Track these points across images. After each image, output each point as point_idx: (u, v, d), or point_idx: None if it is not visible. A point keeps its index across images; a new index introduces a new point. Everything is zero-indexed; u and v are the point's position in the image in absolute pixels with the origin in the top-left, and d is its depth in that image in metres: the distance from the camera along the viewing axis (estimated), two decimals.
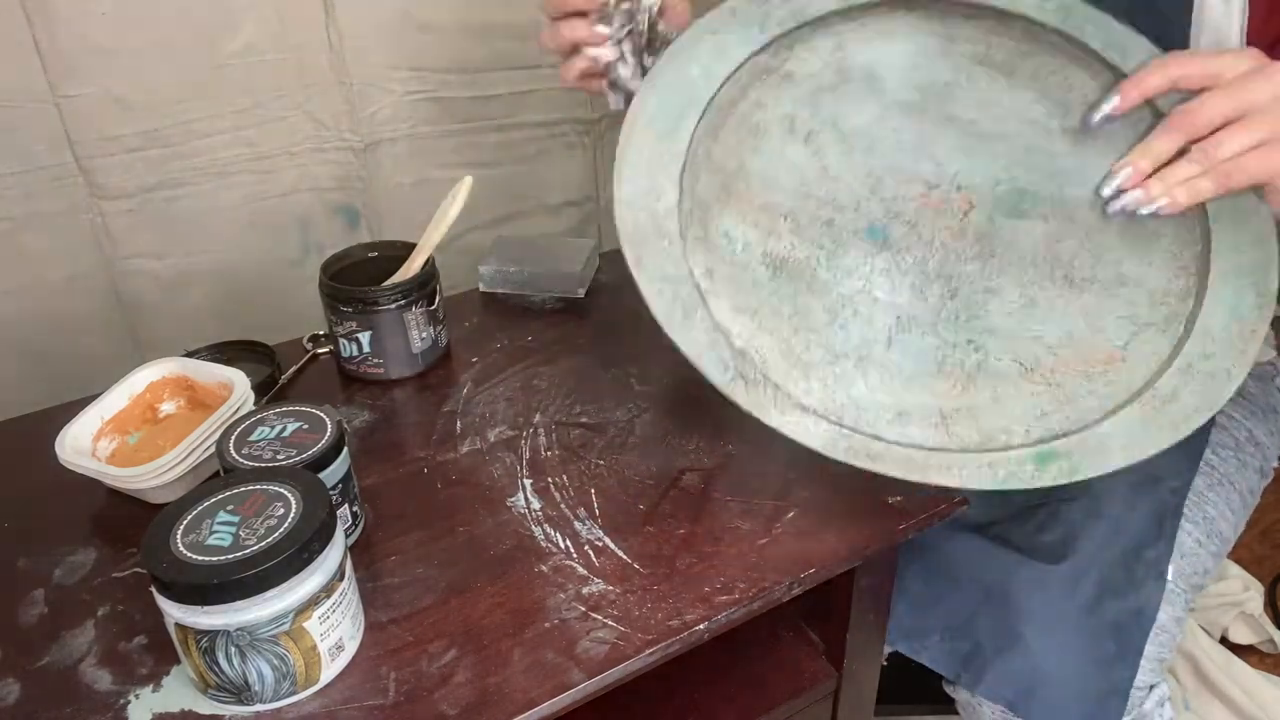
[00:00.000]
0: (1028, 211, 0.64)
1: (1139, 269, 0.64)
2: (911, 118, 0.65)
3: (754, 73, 0.64)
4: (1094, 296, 0.64)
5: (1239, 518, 0.90)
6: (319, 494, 0.57)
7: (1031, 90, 0.64)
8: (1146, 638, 0.77)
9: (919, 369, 0.65)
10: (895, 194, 0.65)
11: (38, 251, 0.98)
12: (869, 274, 0.65)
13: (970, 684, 0.78)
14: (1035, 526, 0.80)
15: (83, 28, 0.91)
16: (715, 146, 0.64)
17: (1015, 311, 0.64)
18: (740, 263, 0.64)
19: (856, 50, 0.64)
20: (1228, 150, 0.56)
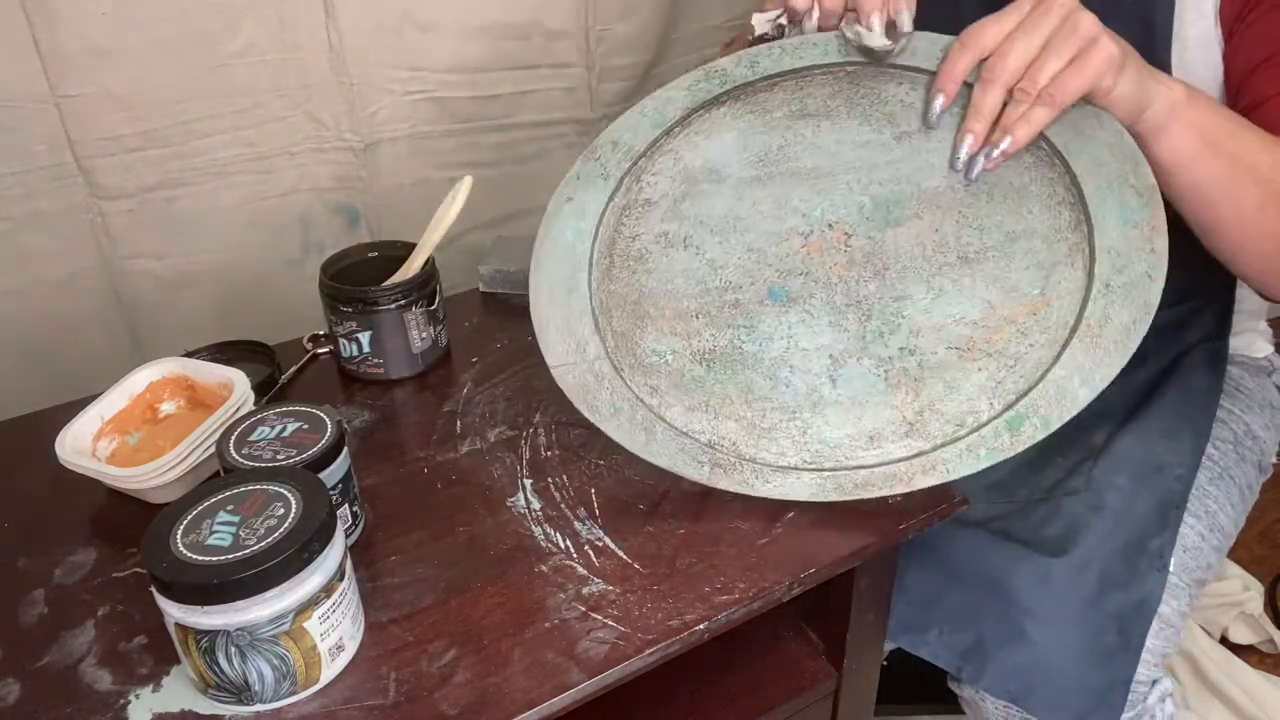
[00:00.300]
0: (899, 218, 0.68)
1: (1022, 222, 0.66)
2: (762, 188, 0.70)
3: (617, 214, 0.71)
4: (993, 263, 0.66)
5: (1239, 512, 0.90)
6: (319, 494, 0.57)
7: (853, 119, 0.69)
8: (1149, 629, 0.77)
9: (869, 392, 0.68)
10: (779, 255, 0.70)
11: (38, 251, 0.98)
12: (788, 331, 0.69)
13: (971, 678, 0.78)
14: (1037, 521, 0.80)
15: (83, 28, 0.91)
16: (613, 286, 0.71)
17: (930, 306, 0.67)
18: (676, 370, 0.70)
19: (692, 157, 0.70)
20: (1045, 77, 0.59)
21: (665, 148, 0.71)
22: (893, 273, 0.68)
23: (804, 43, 0.69)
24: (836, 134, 0.69)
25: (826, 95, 0.69)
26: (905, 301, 0.67)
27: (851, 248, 0.69)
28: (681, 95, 0.70)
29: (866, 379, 0.68)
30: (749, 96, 0.70)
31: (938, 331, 0.67)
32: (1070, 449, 0.86)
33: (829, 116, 0.69)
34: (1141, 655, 0.77)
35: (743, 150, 0.70)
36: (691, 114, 0.70)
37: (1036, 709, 0.75)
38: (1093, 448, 0.85)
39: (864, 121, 0.69)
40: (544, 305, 0.70)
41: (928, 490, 0.70)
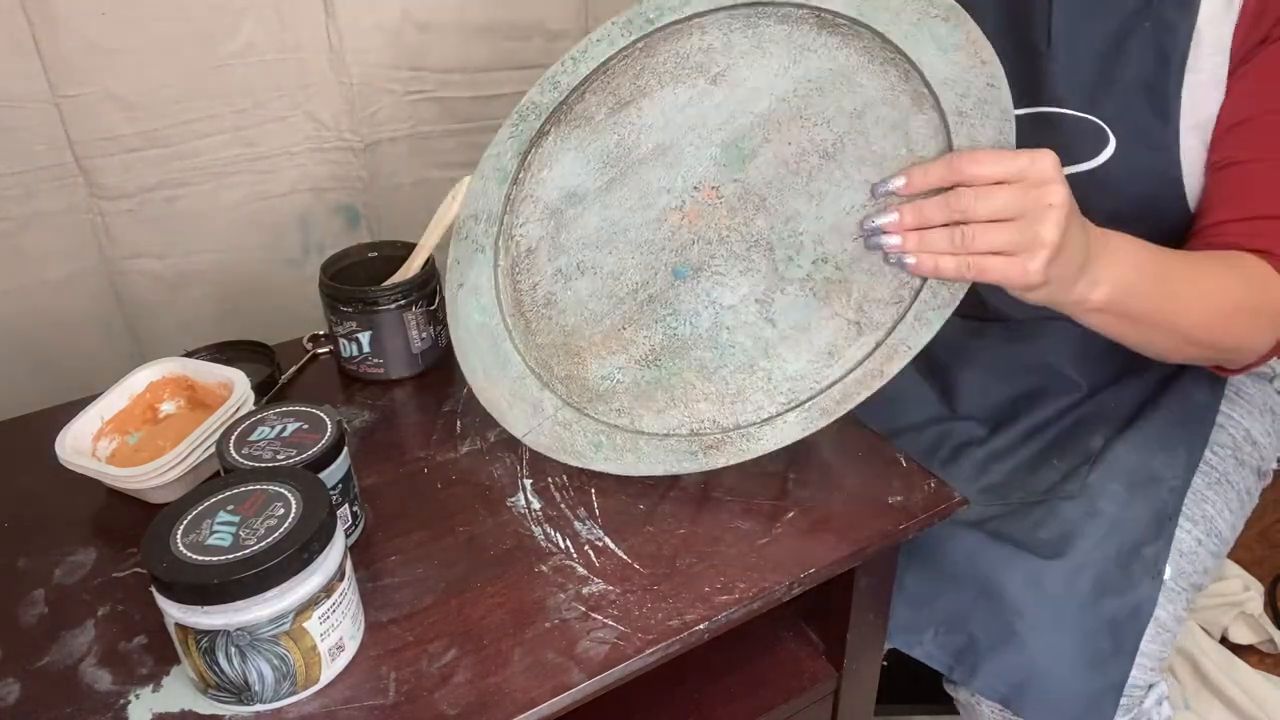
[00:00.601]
0: (751, 150, 0.69)
1: (859, 96, 0.67)
2: (621, 187, 0.73)
3: (509, 275, 0.75)
4: (853, 146, 0.67)
5: (1237, 517, 0.90)
6: (319, 494, 0.57)
7: (666, 86, 0.71)
8: (1142, 635, 0.77)
9: (807, 313, 0.69)
10: (665, 236, 0.71)
11: (38, 251, 0.98)
12: (709, 298, 0.71)
13: (964, 678, 0.78)
14: (1032, 524, 0.80)
15: (83, 28, 0.91)
16: (538, 340, 0.74)
17: (819, 212, 0.68)
18: (631, 383, 0.72)
19: (546, 192, 0.74)
20: (980, 246, 0.60)
21: (519, 196, 0.75)
22: (771, 200, 0.69)
23: (589, 43, 0.72)
24: (659, 106, 0.72)
25: (632, 77, 0.72)
26: (796, 219, 0.68)
27: (725, 197, 0.70)
28: (509, 143, 0.75)
29: (798, 304, 0.68)
30: (567, 114, 0.74)
31: (838, 231, 0.67)
32: (1067, 453, 0.86)
33: (645, 95, 0.72)
34: (1137, 659, 0.77)
35: (586, 163, 0.73)
36: (527, 155, 0.74)
37: (1027, 712, 0.75)
38: (1089, 453, 0.85)
39: (676, 82, 0.71)
40: (486, 387, 0.74)
41: (928, 491, 0.70)
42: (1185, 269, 0.71)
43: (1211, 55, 0.75)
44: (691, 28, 0.70)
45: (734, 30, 0.70)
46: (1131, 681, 0.77)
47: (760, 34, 0.69)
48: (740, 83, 0.70)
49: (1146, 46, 0.76)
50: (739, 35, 0.70)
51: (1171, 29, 0.75)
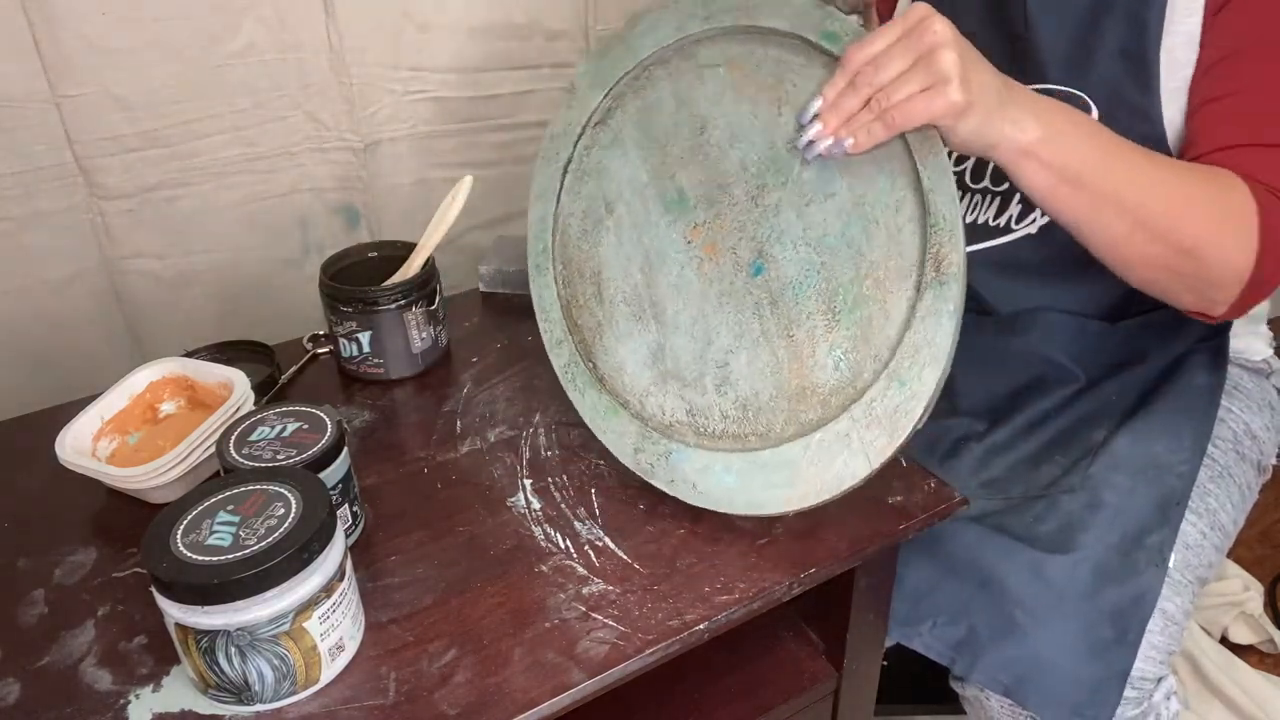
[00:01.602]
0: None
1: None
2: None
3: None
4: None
5: (1238, 511, 0.90)
6: (319, 494, 0.57)
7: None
8: (1146, 624, 0.77)
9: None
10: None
11: (38, 251, 0.98)
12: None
13: (964, 670, 0.78)
14: (1033, 518, 0.80)
15: (83, 28, 0.91)
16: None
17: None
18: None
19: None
20: (896, 98, 0.61)
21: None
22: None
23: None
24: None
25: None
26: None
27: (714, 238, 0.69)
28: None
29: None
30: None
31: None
32: (1069, 448, 0.86)
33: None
34: (1146, 652, 0.77)
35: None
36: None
37: (1030, 702, 0.75)
38: (1091, 446, 0.85)
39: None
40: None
41: (928, 491, 0.70)
42: (1138, 150, 0.69)
43: (1186, 17, 0.76)
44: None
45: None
46: (1140, 674, 0.77)
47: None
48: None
49: (1122, 16, 0.78)
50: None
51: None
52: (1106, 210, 0.68)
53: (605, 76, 0.73)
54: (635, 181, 0.72)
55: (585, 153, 0.74)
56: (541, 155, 0.76)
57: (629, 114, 0.73)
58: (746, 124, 0.69)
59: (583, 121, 0.74)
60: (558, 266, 0.73)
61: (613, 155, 0.73)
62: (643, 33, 0.72)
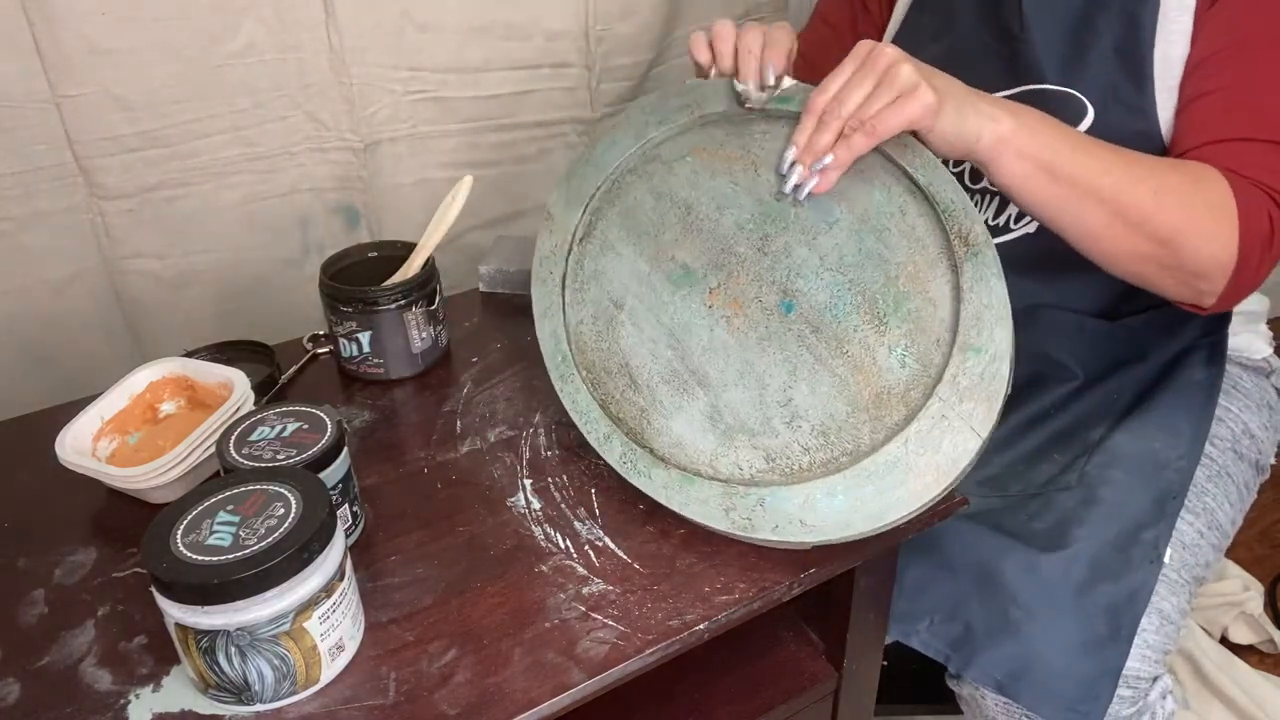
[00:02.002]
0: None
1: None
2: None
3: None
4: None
5: (1236, 511, 0.90)
6: (319, 494, 0.57)
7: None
8: (1140, 621, 0.77)
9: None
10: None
11: (38, 251, 0.98)
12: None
13: (960, 667, 0.78)
14: (1029, 515, 0.80)
15: (83, 28, 0.91)
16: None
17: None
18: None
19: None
20: (870, 112, 0.64)
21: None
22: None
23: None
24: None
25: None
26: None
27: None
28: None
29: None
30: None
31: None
32: (1067, 446, 0.86)
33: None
34: (1142, 651, 0.77)
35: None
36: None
37: (1024, 698, 0.76)
38: (1089, 444, 0.85)
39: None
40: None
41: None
42: (1109, 146, 0.71)
43: (1178, 16, 0.77)
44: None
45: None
46: (1135, 673, 0.77)
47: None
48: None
49: (1116, 15, 0.79)
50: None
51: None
52: (1083, 200, 0.69)
53: (578, 196, 0.77)
54: (637, 272, 0.73)
55: (578, 265, 0.76)
56: (535, 276, 0.77)
57: (611, 220, 0.75)
58: (729, 192, 0.72)
59: (567, 240, 0.76)
60: (582, 372, 0.73)
61: (607, 259, 0.75)
62: (604, 149, 0.77)
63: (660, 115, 0.76)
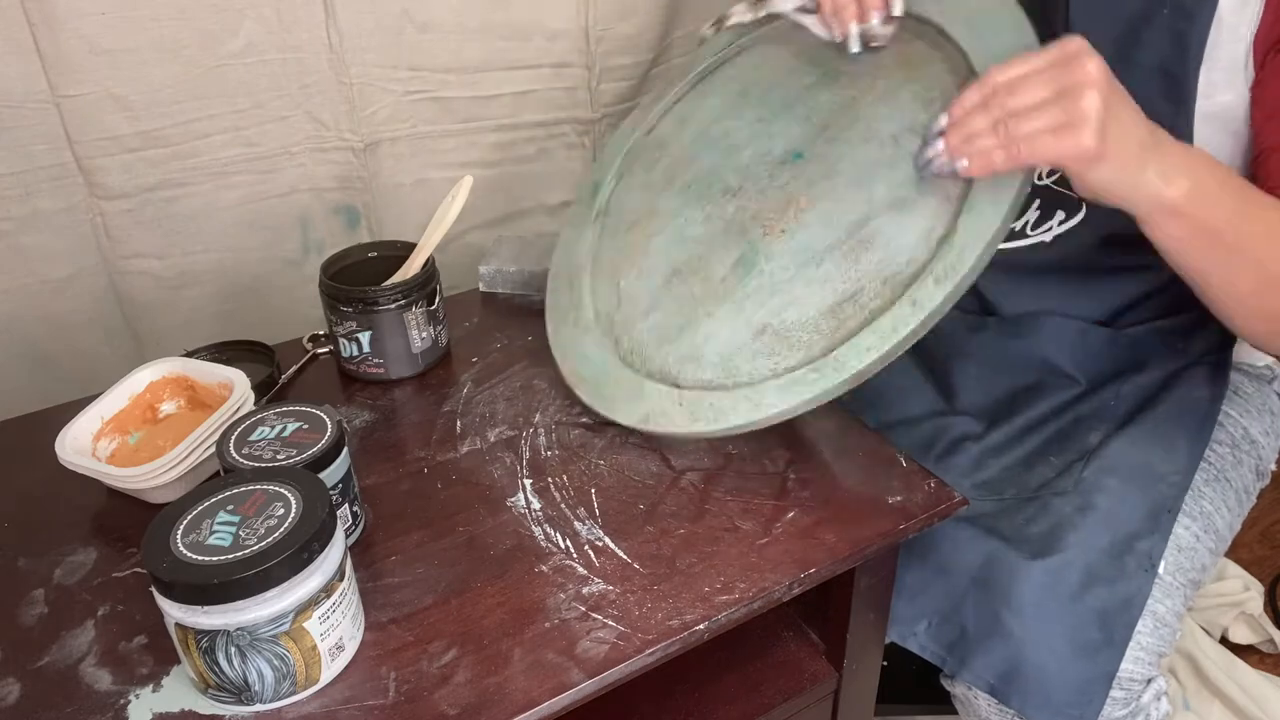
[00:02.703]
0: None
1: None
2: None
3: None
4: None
5: (1234, 515, 0.90)
6: (319, 494, 0.57)
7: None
8: (1134, 627, 0.77)
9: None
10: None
11: (38, 251, 0.98)
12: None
13: (955, 669, 0.78)
14: (1023, 519, 0.80)
15: (83, 28, 0.91)
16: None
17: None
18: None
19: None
20: (1026, 130, 0.59)
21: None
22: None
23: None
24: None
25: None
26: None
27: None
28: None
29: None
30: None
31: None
32: (1064, 450, 0.86)
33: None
34: (1135, 653, 0.77)
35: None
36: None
37: (1015, 701, 0.76)
38: (1086, 450, 0.85)
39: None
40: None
41: (928, 491, 0.70)
42: (1262, 197, 0.67)
43: (1231, 44, 0.74)
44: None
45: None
46: (1129, 675, 0.77)
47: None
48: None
49: (1164, 32, 0.76)
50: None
51: (1190, 16, 0.74)
52: (1240, 265, 0.67)
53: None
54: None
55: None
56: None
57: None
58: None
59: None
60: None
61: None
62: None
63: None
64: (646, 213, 0.75)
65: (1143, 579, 0.78)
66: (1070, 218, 0.86)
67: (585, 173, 1.25)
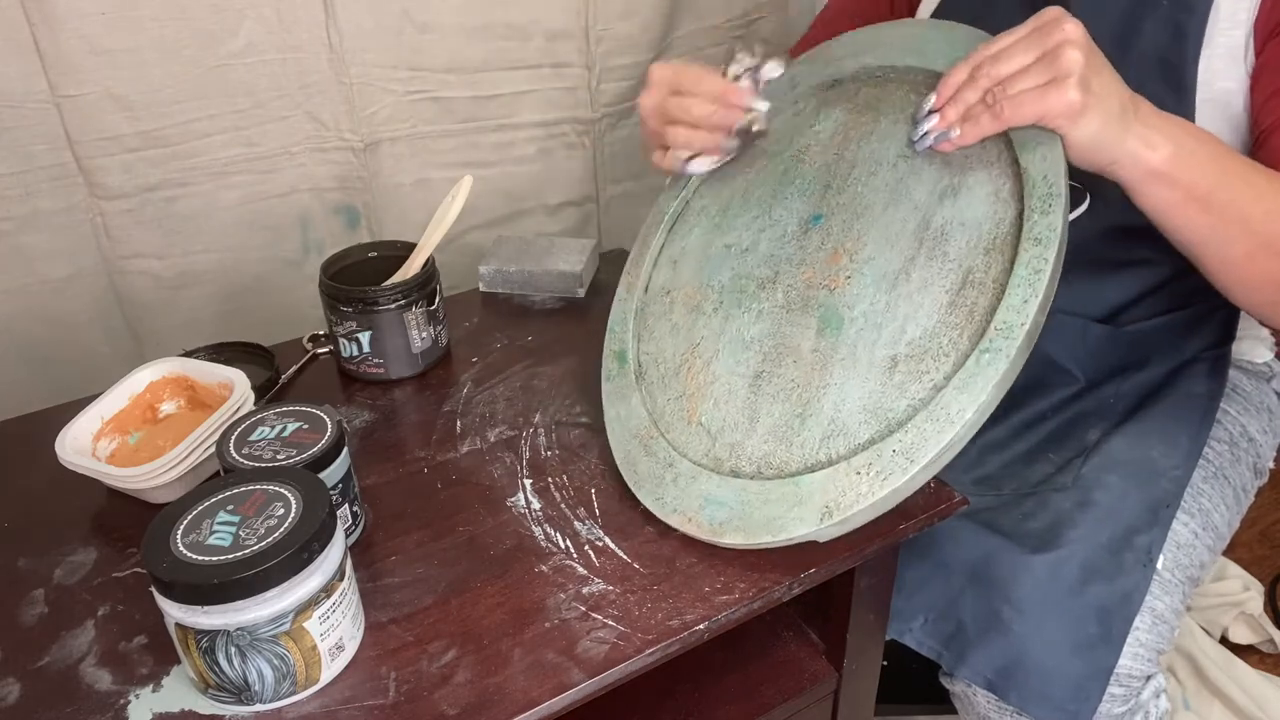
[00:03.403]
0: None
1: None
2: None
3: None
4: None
5: (1233, 513, 0.90)
6: (319, 494, 0.57)
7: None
8: (1132, 622, 0.77)
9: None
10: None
11: (38, 251, 0.98)
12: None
13: (952, 665, 0.78)
14: (1023, 514, 0.80)
15: (83, 28, 0.91)
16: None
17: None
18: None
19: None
20: (1011, 90, 0.62)
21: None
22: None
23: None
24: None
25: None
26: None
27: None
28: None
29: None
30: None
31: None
32: (1063, 446, 0.86)
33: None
34: (1134, 649, 0.77)
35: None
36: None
37: (1013, 697, 0.76)
38: (1085, 446, 0.85)
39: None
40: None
41: (928, 491, 0.70)
42: (1259, 169, 0.68)
43: (1229, 30, 0.75)
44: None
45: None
46: (1128, 671, 0.77)
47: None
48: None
49: (1162, 22, 0.77)
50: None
51: (1189, 7, 0.76)
52: (1231, 229, 0.67)
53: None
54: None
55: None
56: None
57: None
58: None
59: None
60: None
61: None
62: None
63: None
64: (689, 349, 0.73)
65: (1141, 574, 0.78)
66: (1074, 208, 0.86)
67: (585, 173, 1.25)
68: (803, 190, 0.75)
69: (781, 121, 0.80)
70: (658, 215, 0.83)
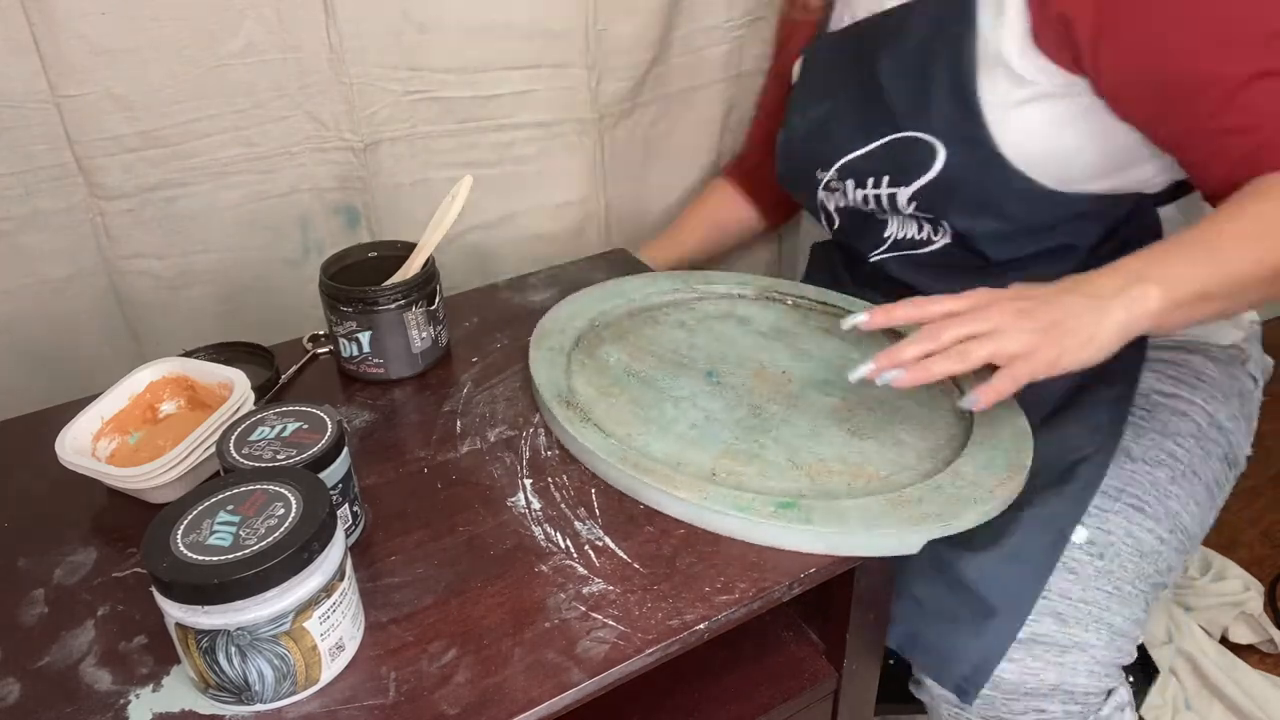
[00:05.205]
0: (830, 390, 0.81)
1: (912, 437, 0.75)
2: (761, 340, 0.88)
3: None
4: (872, 445, 0.75)
5: (1205, 510, 0.89)
6: (319, 494, 0.57)
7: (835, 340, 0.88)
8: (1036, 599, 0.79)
9: (712, 445, 0.75)
10: (736, 369, 0.84)
11: (38, 251, 0.98)
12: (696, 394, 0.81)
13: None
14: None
15: (83, 28, 0.91)
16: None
17: (802, 435, 0.76)
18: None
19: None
20: (955, 338, 0.67)
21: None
22: (796, 409, 0.79)
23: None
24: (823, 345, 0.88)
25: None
26: (787, 424, 0.77)
27: (786, 387, 0.82)
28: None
29: (716, 440, 0.76)
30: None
31: (790, 448, 0.75)
32: None
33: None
34: (1089, 666, 0.78)
35: (771, 320, 0.93)
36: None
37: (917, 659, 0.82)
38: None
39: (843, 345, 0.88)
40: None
41: None
42: (1216, 222, 0.71)
43: (1009, 39, 0.80)
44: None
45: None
46: (1083, 689, 0.77)
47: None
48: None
49: (944, 62, 0.84)
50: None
51: (956, 40, 0.83)
52: (1240, 296, 0.72)
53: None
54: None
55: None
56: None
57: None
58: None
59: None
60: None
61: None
62: None
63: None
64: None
65: (1049, 551, 0.80)
66: (931, 242, 0.94)
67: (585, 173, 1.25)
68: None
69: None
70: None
